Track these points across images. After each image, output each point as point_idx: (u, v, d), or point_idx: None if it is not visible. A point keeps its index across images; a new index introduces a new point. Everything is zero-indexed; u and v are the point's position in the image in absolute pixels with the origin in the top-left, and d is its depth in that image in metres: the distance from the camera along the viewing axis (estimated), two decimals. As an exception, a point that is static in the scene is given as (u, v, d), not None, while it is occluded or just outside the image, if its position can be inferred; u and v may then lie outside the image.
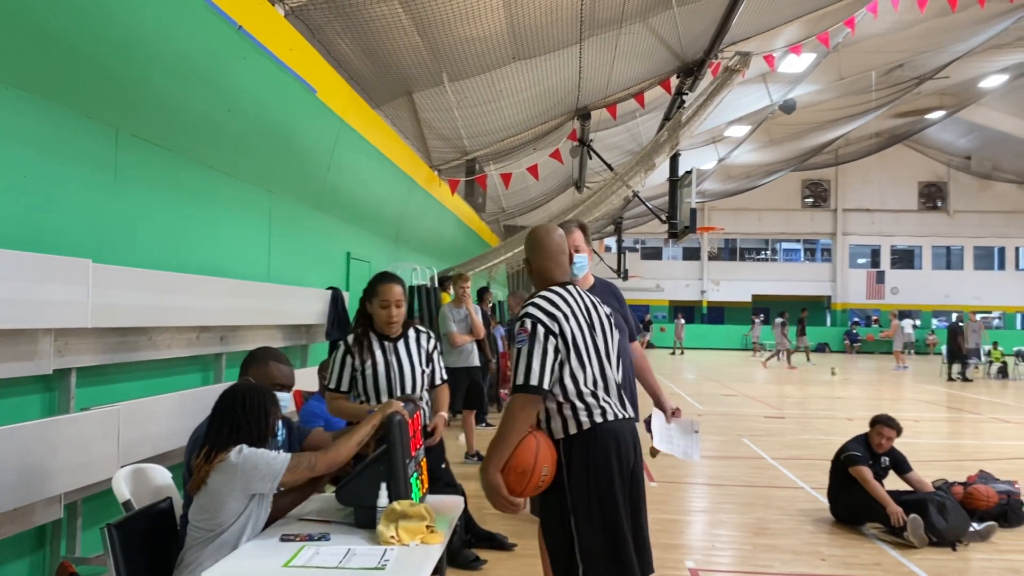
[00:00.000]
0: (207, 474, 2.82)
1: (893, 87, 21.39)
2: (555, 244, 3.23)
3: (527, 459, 2.89)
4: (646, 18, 10.56)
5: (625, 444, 3.00)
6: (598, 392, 3.02)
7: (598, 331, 3.11)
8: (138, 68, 4.45)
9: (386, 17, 7.54)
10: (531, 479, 2.90)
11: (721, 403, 14.81)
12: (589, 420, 2.96)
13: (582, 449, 2.95)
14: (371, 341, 3.90)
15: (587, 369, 3.02)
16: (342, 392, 3.92)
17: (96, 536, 4.13)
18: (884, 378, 21.74)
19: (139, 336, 4.61)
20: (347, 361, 3.89)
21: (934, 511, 5.72)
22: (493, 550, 5.35)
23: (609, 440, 2.96)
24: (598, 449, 2.94)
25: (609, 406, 3.02)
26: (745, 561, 5.39)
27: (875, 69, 19.31)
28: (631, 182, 13.79)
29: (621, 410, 3.07)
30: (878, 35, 16.27)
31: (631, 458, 3.01)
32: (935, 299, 38.12)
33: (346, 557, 2.70)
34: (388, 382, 3.85)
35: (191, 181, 5.34)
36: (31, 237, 3.73)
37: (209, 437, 2.92)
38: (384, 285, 3.88)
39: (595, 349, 3.06)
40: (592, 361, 3.04)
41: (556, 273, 3.21)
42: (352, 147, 8.03)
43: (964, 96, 26.96)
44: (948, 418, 13.30)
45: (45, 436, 3.58)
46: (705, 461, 9.02)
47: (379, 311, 3.87)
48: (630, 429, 3.07)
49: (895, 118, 28.07)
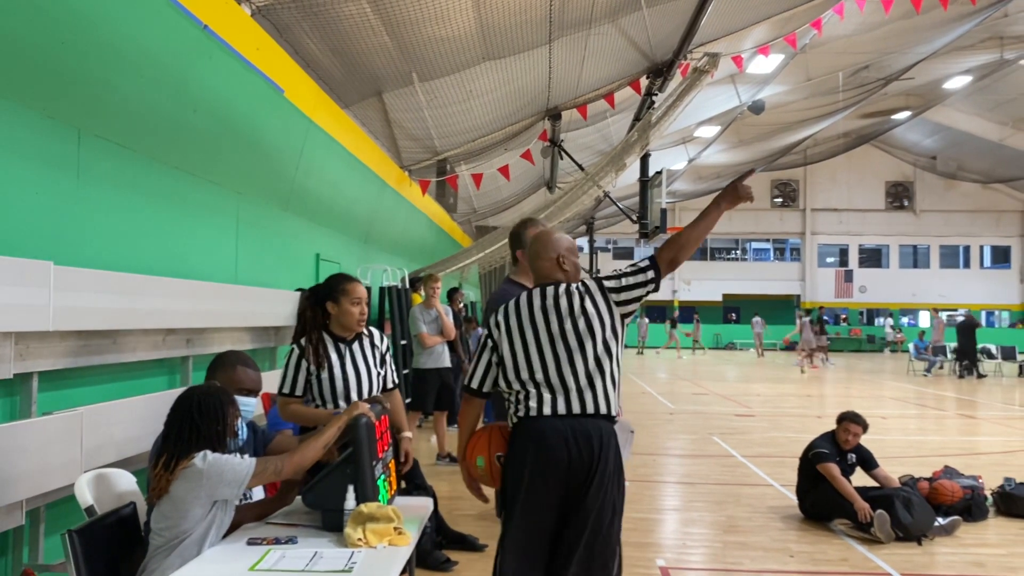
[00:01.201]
0: (169, 482, 2.78)
1: (860, 88, 21.66)
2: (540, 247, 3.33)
3: (468, 449, 3.25)
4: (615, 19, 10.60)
5: (546, 442, 2.93)
6: (531, 389, 3.02)
7: (554, 326, 3.07)
8: (101, 67, 4.39)
9: (354, 17, 7.50)
10: (469, 467, 3.25)
11: (692, 402, 14.91)
12: (515, 415, 3.06)
13: (511, 443, 3.09)
14: (326, 344, 3.81)
15: (523, 366, 3.06)
16: (296, 396, 3.80)
17: (59, 542, 4.07)
18: (854, 376, 22.00)
19: (103, 339, 4.55)
20: (301, 364, 3.77)
21: (900, 507, 5.80)
22: (464, 551, 5.34)
23: (530, 436, 2.98)
24: (516, 443, 3.04)
25: (542, 402, 2.98)
26: (715, 559, 5.43)
27: (842, 70, 19.54)
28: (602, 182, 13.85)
29: (564, 406, 2.97)
30: (844, 37, 16.48)
31: (560, 457, 2.91)
32: (902, 297, 38.68)
33: (313, 560, 2.68)
34: (345, 386, 3.75)
35: (156, 182, 5.27)
36: (-10, 239, 3.67)
37: (168, 444, 2.86)
38: (352, 284, 3.81)
39: (540, 345, 3.05)
40: (532, 357, 3.05)
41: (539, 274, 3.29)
42: (321, 147, 7.98)
43: (929, 97, 27.38)
44: (915, 415, 13.49)
45: (5, 441, 3.51)
46: (676, 459, 9.07)
47: (350, 309, 3.77)
48: (568, 427, 2.95)
49: (862, 118, 28.43)
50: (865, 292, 39.11)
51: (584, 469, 2.92)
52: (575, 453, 2.92)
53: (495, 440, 3.17)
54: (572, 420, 2.97)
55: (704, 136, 22.77)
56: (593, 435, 2.95)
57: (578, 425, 2.96)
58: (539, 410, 2.98)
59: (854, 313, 39.16)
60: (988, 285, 38.86)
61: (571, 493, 2.94)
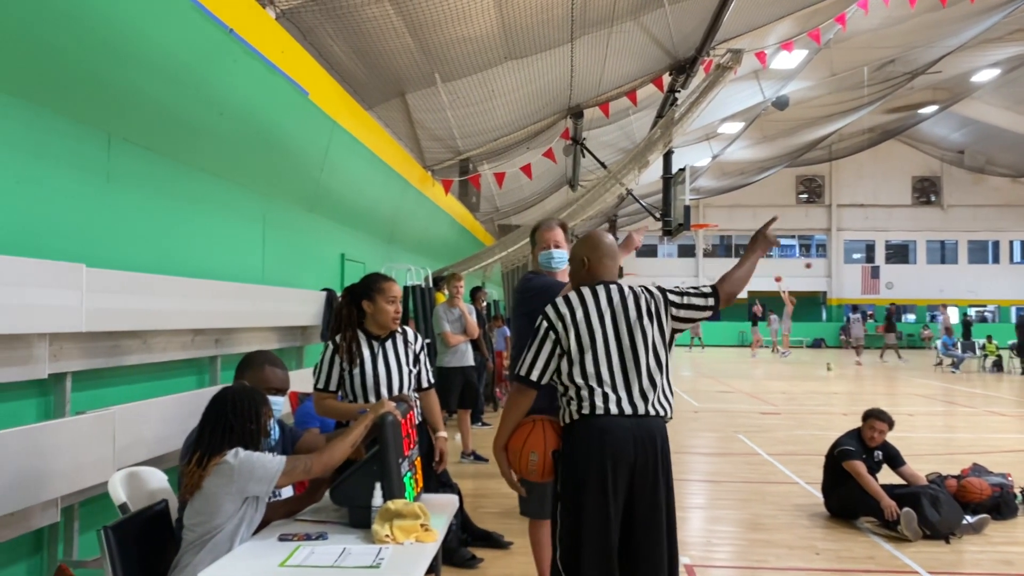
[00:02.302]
0: (202, 478, 2.84)
1: (885, 82, 21.46)
2: (607, 247, 3.33)
3: (516, 442, 3.21)
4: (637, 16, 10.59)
5: (616, 440, 2.96)
6: (596, 387, 3.02)
7: (622, 326, 3.10)
8: (129, 73, 4.46)
9: (378, 19, 7.56)
10: (520, 460, 3.20)
11: (717, 400, 14.85)
12: (578, 412, 3.03)
13: (571, 439, 3.06)
14: (359, 342, 3.92)
15: (589, 362, 3.05)
16: (330, 392, 3.93)
17: (93, 539, 4.15)
18: (880, 373, 21.80)
19: (133, 340, 4.62)
20: (335, 361, 3.89)
21: (927, 504, 5.76)
22: (489, 548, 5.37)
23: (595, 434, 2.98)
24: (581, 441, 3.02)
25: (605, 400, 3.00)
26: (741, 556, 5.42)
27: (867, 65, 19.36)
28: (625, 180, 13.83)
29: (630, 406, 3.02)
30: (869, 31, 16.32)
31: (628, 454, 2.96)
32: (930, 293, 38.22)
33: (341, 556, 2.72)
34: (376, 382, 3.86)
35: (184, 184, 5.35)
36: (25, 242, 3.74)
37: (201, 441, 2.93)
38: (388, 282, 3.94)
39: (608, 344, 3.07)
40: (599, 354, 3.06)
41: (600, 270, 3.28)
42: (345, 149, 8.04)
43: (957, 91, 27.04)
44: (942, 412, 13.35)
45: (41, 440, 3.59)
46: (701, 457, 9.06)
47: (385, 307, 3.89)
48: (634, 426, 3.00)
49: (888, 113, 28.15)
50: (892, 288, 38.70)
51: (649, 469, 3.00)
52: (640, 453, 2.98)
53: (550, 436, 3.16)
54: (637, 420, 3.02)
55: (728, 132, 22.66)
56: (657, 436, 3.04)
57: (643, 425, 3.02)
58: (606, 408, 3.00)
59: (880, 310, 38.76)
60: (1018, 280, 38.27)
61: (635, 492, 2.99)
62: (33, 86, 3.81)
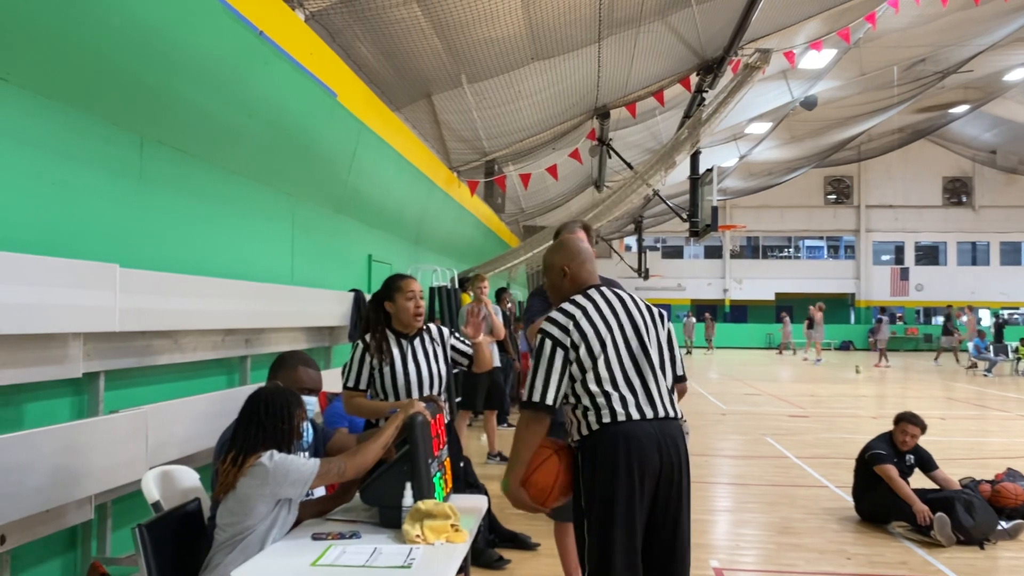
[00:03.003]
0: (236, 477, 2.86)
1: (916, 82, 21.20)
2: (585, 251, 3.23)
3: (546, 481, 3.00)
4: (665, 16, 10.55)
5: (641, 446, 2.86)
6: (612, 392, 2.92)
7: (628, 328, 3.02)
8: (162, 75, 4.51)
9: (405, 20, 7.59)
10: (550, 497, 3.01)
11: (744, 402, 14.74)
12: (597, 422, 2.91)
13: (590, 452, 2.93)
14: (389, 341, 3.94)
15: (603, 367, 2.94)
16: (360, 390, 3.96)
17: (125, 536, 4.20)
18: (910, 376, 21.54)
19: (165, 339, 4.68)
20: (365, 359, 3.92)
21: (961, 509, 5.67)
22: (516, 550, 5.37)
23: (618, 442, 2.86)
24: (602, 452, 2.89)
25: (624, 406, 2.90)
26: (770, 560, 5.37)
27: (897, 64, 19.14)
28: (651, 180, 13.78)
29: (650, 409, 2.92)
30: (900, 30, 16.14)
31: (654, 461, 2.87)
32: (961, 295, 37.64)
33: (372, 556, 2.73)
34: (407, 381, 3.88)
35: (215, 186, 5.40)
36: (60, 243, 3.80)
37: (236, 441, 2.95)
38: (405, 280, 3.97)
39: (618, 348, 2.98)
40: (610, 360, 2.96)
41: (583, 276, 3.17)
42: (372, 150, 8.08)
43: (989, 90, 26.65)
44: (975, 415, 13.16)
45: (76, 439, 3.64)
46: (728, 460, 8.99)
47: (404, 304, 3.90)
48: (657, 430, 2.90)
49: (918, 113, 27.81)
50: (922, 290, 38.22)
51: (675, 472, 2.91)
52: (665, 457, 2.89)
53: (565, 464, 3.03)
54: (659, 423, 2.93)
55: (755, 133, 22.50)
56: (679, 439, 2.96)
57: (665, 429, 2.93)
58: (627, 414, 2.90)
59: (910, 312, 38.32)
60: (1052, 282, 37.69)
61: (659, 495, 2.90)
62: (68, 89, 3.86)
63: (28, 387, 3.62)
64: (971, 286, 37.70)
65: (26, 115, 3.61)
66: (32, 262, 3.42)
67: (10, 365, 3.41)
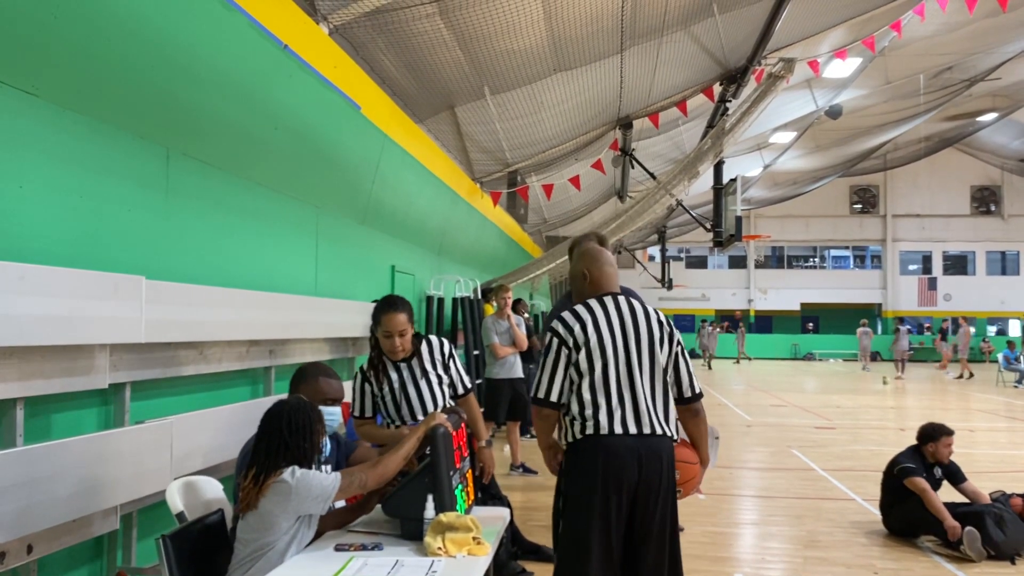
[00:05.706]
0: (258, 497, 2.85)
1: (942, 90, 20.99)
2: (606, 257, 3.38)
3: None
4: (688, 26, 10.52)
5: (620, 459, 2.96)
6: (602, 404, 3.02)
7: (631, 341, 3.10)
8: (188, 89, 4.56)
9: (428, 33, 7.62)
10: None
11: (770, 413, 14.61)
12: (581, 432, 3.04)
13: (571, 459, 3.10)
14: (385, 365, 3.93)
15: (597, 378, 3.05)
16: (366, 418, 3.99)
17: (150, 546, 4.22)
18: (938, 387, 21.25)
19: (190, 350, 4.71)
20: (365, 388, 3.96)
21: (992, 523, 5.57)
22: (539, 562, 5.33)
23: (597, 454, 2.99)
24: (580, 463, 3.04)
25: (610, 419, 3.00)
26: (795, 574, 5.31)
27: (923, 72, 18.97)
28: (674, 191, 13.71)
29: (635, 425, 3.00)
30: (926, 38, 15.99)
31: (632, 475, 2.96)
32: (990, 305, 37.17)
33: (394, 568, 2.72)
34: (408, 402, 3.88)
35: (240, 198, 5.44)
36: (87, 255, 3.84)
37: (257, 458, 2.94)
38: (387, 315, 3.82)
39: (617, 360, 3.06)
40: (608, 371, 3.05)
41: (602, 281, 3.30)
42: (396, 161, 8.12)
43: (1017, 97, 26.28)
44: (1005, 428, 12.95)
45: (102, 449, 3.67)
46: (754, 473, 8.91)
47: (383, 340, 3.87)
48: (640, 445, 2.99)
49: (945, 121, 27.50)
50: (950, 300, 37.72)
51: (653, 488, 2.99)
52: (645, 472, 2.98)
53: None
54: (641, 439, 3.02)
55: (779, 142, 22.38)
56: (663, 454, 3.03)
57: (649, 444, 3.02)
58: (610, 427, 3.00)
59: (937, 322, 37.82)
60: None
61: (637, 510, 2.99)
62: (96, 103, 3.92)
63: (55, 397, 3.66)
64: (1000, 296, 37.17)
65: (54, 129, 3.66)
66: (60, 274, 3.46)
67: (38, 376, 3.44)
